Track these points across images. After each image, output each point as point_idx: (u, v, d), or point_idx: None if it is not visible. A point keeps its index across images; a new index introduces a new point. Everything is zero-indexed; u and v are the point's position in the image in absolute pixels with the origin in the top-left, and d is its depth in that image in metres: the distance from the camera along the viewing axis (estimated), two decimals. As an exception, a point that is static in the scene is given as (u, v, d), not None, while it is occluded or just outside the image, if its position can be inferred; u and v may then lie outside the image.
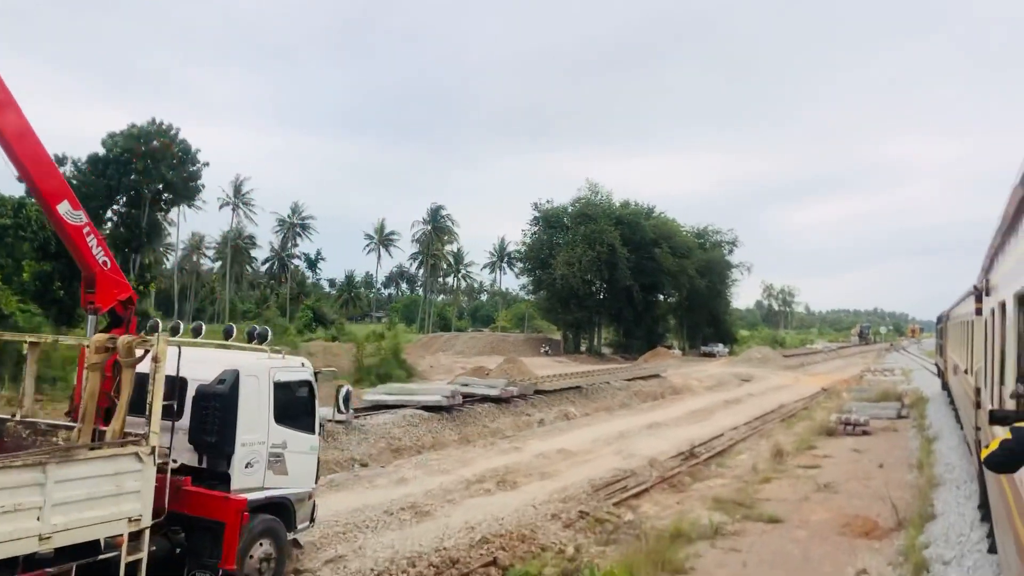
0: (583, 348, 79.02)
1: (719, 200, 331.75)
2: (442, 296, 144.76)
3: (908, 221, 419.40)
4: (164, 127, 60.84)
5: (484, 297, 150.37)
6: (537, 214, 78.00)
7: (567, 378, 31.64)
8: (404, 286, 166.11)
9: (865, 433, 24.54)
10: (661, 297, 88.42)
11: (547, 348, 74.84)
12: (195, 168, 61.34)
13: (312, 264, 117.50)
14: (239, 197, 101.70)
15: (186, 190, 63.16)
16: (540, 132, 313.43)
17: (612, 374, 35.09)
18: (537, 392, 27.17)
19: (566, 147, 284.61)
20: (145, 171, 58.02)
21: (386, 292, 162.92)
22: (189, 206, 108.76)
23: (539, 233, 77.98)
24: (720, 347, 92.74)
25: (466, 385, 25.55)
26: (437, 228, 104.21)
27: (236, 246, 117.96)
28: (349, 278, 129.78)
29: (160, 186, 61.01)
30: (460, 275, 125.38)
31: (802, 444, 22.20)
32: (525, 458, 17.86)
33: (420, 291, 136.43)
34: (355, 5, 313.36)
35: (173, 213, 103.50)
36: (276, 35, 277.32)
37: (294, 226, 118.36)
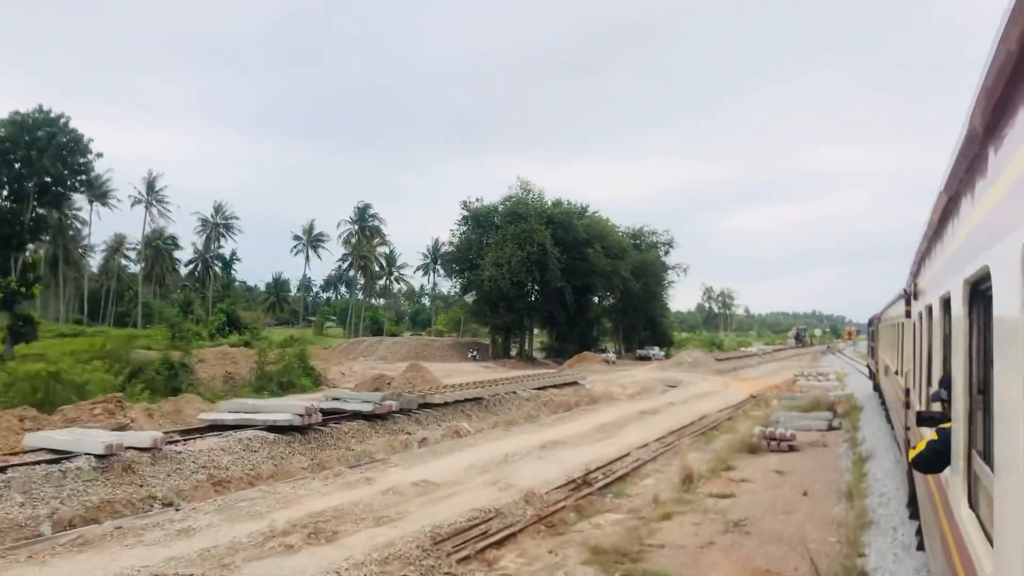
0: (514, 353, 75.82)
1: (662, 205, 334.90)
2: (383, 300, 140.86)
3: (846, 227, 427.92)
4: (52, 115, 55.72)
5: (427, 301, 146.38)
6: (466, 213, 74.64)
7: (465, 388, 28.11)
8: (344, 290, 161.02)
9: (792, 449, 21.71)
10: (596, 299, 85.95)
11: (475, 353, 71.45)
12: (85, 160, 56.32)
13: (227, 265, 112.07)
14: (152, 194, 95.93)
15: (77, 183, 58.09)
16: (486, 138, 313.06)
17: (521, 382, 31.70)
18: (425, 406, 23.64)
19: (511, 152, 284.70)
20: (27, 161, 52.88)
21: (325, 296, 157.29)
22: (103, 203, 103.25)
23: (468, 233, 74.61)
24: (656, 350, 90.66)
25: (336, 399, 21.94)
26: (365, 228, 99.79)
27: (157, 247, 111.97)
28: (276, 280, 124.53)
29: (48, 179, 55.80)
30: (393, 277, 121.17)
31: (719, 465, 19.20)
32: (370, 494, 14.35)
33: (359, 294, 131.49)
34: (303, 10, 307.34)
35: (86, 212, 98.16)
36: (220, 37, 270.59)
37: (217, 226, 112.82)
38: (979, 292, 3.72)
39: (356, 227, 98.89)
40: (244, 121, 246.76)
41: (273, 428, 17.86)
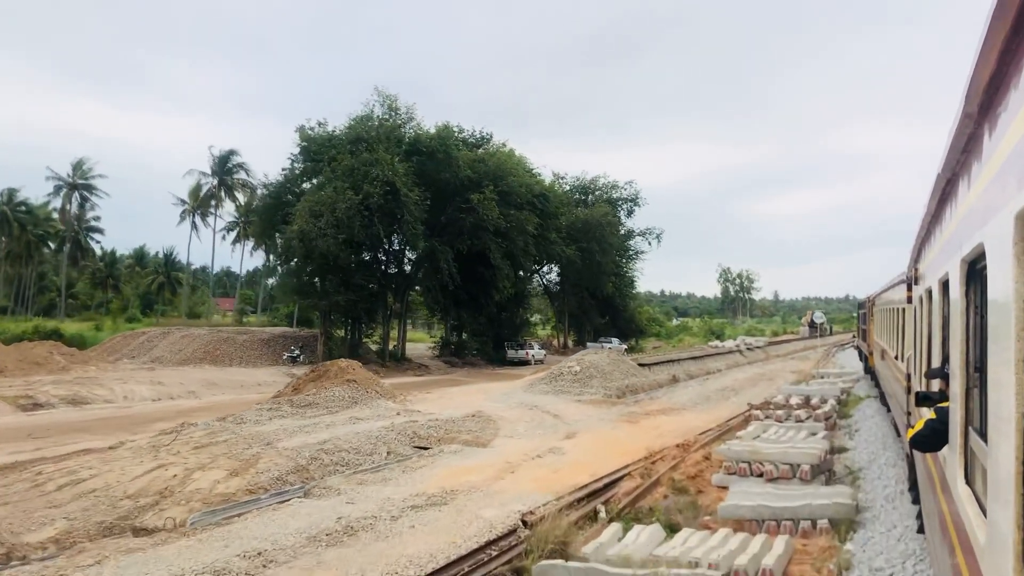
0: (372, 349, 51.05)
1: (696, 190, 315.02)
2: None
3: (883, 209, 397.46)
4: None
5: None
6: (302, 143, 49.90)
7: None
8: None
9: None
10: (525, 272, 61.18)
11: (296, 352, 47.01)
12: None
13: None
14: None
15: None
16: (520, 125, 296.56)
17: None
18: None
19: (545, 138, 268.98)
20: None
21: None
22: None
23: (298, 173, 50.07)
24: (615, 342, 66.17)
25: None
26: (226, 183, 75.16)
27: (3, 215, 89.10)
28: (167, 256, 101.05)
29: None
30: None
31: None
32: None
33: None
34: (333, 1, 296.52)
35: None
36: (255, 27, 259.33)
37: (75, 188, 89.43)
38: (975, 271, 3.81)
39: (215, 180, 74.32)
40: (271, 110, 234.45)
41: None
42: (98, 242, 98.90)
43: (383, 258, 49.83)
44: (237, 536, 11.49)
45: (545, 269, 67.69)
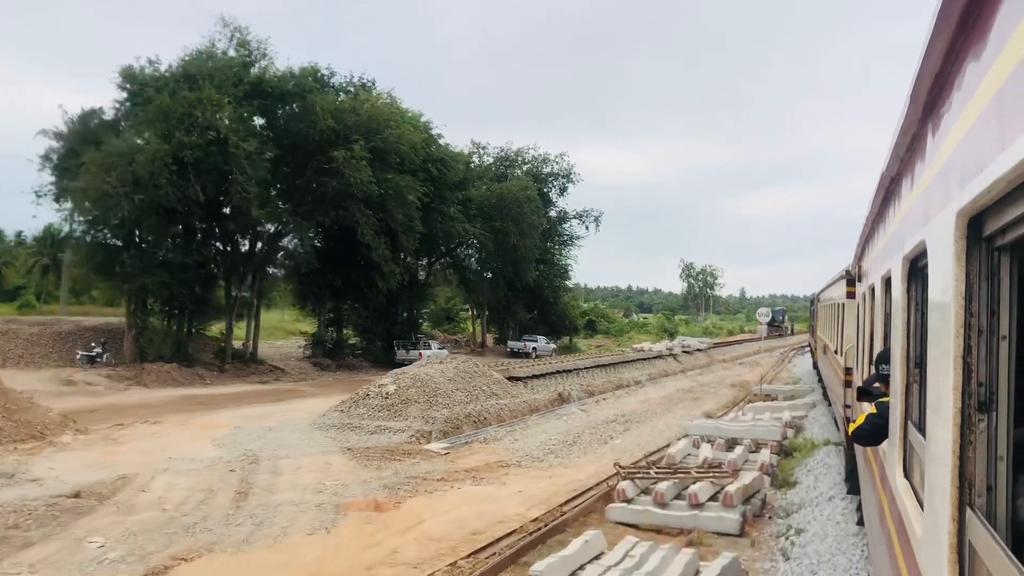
0: (221, 346, 40.10)
1: (674, 187, 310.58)
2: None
3: (859, 210, 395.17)
4: None
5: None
6: (127, 86, 38.83)
7: None
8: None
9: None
10: (403, 253, 50.77)
11: (98, 350, 36.09)
12: None
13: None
14: None
15: None
16: (502, 118, 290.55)
17: None
18: None
19: (527, 132, 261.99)
20: None
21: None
22: None
23: (107, 119, 39.02)
24: (541, 342, 56.24)
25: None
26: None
27: None
28: (53, 234, 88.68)
29: None
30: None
31: None
32: None
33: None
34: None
35: None
36: (238, 18, 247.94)
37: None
38: (917, 269, 3.78)
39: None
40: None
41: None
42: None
43: (220, 231, 38.97)
44: None
45: (464, 254, 57.26)
